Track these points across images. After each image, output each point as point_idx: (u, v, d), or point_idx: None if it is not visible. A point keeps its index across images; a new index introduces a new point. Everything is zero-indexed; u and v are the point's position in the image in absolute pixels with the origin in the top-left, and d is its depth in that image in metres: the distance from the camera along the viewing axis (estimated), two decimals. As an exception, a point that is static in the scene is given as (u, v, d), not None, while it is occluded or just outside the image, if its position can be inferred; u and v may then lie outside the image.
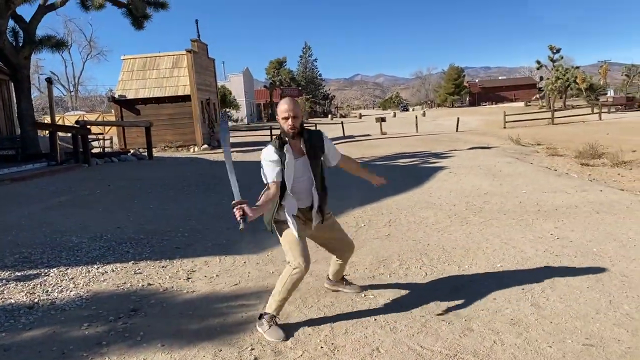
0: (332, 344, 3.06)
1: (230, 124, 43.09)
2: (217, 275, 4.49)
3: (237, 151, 18.71)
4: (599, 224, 5.76)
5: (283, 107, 3.15)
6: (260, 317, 3.29)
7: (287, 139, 3.19)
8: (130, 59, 22.56)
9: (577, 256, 4.60)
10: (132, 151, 17.51)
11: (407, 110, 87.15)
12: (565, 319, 3.29)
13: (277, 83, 64.14)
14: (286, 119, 3.14)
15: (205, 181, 10.69)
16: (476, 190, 8.50)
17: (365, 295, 3.83)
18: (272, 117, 59.67)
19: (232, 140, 25.51)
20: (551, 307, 3.47)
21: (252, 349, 3.03)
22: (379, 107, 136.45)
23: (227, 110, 45.56)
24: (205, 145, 20.90)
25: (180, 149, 20.71)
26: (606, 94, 52.91)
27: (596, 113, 30.34)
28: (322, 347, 3.02)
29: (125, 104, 21.17)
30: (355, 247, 5.15)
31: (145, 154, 16.88)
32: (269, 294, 3.91)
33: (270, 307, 3.27)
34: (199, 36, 22.11)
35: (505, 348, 2.93)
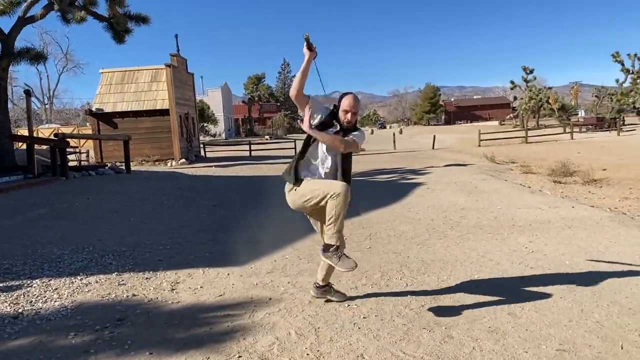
0: (318, 351, 3.14)
1: (207, 138, 42.95)
2: (201, 287, 4.54)
3: (215, 166, 18.70)
4: (571, 238, 5.99)
5: (348, 102, 3.45)
6: (325, 250, 3.46)
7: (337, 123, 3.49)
8: (109, 72, 22.47)
9: (551, 268, 4.79)
10: (109, 165, 17.36)
11: (385, 127, 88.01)
12: (539, 326, 3.44)
13: (256, 98, 64.35)
14: (346, 112, 3.45)
15: (184, 195, 10.69)
16: (453, 206, 8.71)
17: (348, 305, 3.93)
18: (251, 132, 59.74)
19: (210, 155, 25.52)
20: (526, 316, 3.62)
21: (240, 357, 3.09)
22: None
23: (205, 125, 45.45)
24: (183, 160, 20.84)
25: (157, 163, 20.60)
26: (577, 114, 54.41)
27: (568, 132, 31.19)
28: (308, 354, 3.10)
29: (103, 117, 21.03)
30: (337, 260, 5.30)
31: (123, 167, 16.76)
32: (254, 304, 4.00)
33: (330, 240, 3.44)
34: (178, 51, 22.18)
35: (484, 354, 3.06)
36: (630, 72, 38.75)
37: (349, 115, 3.44)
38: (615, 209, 8.33)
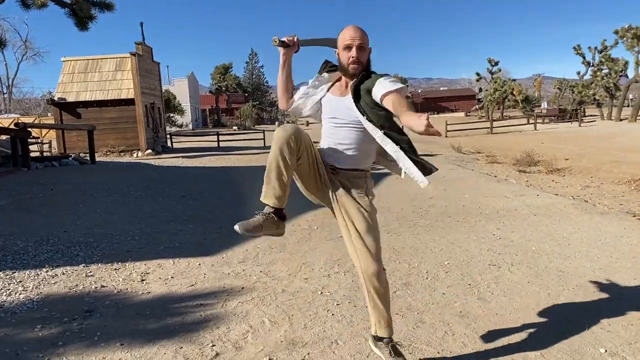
0: (292, 338, 3.14)
1: (174, 129, 42.25)
2: (172, 277, 4.47)
3: (183, 156, 18.43)
4: (537, 225, 6.14)
5: (348, 34, 2.40)
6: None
7: (338, 72, 2.55)
8: (71, 60, 21.80)
9: (518, 254, 4.90)
10: (72, 155, 16.90)
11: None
12: (509, 310, 3.52)
13: (223, 89, 63.55)
14: (349, 48, 2.40)
15: (151, 186, 10.50)
16: (422, 195, 8.81)
17: (322, 293, 3.94)
18: (219, 123, 59.05)
19: (177, 145, 25.15)
20: (496, 300, 3.71)
21: (213, 345, 3.07)
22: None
23: (172, 115, 44.68)
24: (149, 150, 20.45)
25: (122, 154, 20.17)
26: (540, 105, 55.78)
27: (532, 123, 31.93)
28: (282, 342, 3.10)
29: (66, 107, 20.41)
30: (310, 249, 5.31)
31: (88, 158, 16.35)
32: (226, 293, 3.97)
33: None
34: (143, 39, 21.67)
35: (456, 337, 3.11)
36: (591, 64, 39.81)
37: (354, 51, 2.38)
38: (578, 197, 8.59)
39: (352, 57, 2.38)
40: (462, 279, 4.20)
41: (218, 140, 24.65)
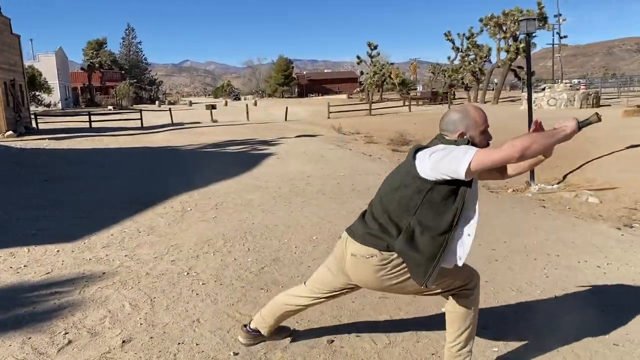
0: (152, 320, 3.09)
1: (40, 109, 38.76)
2: (25, 266, 4.15)
3: (49, 138, 16.99)
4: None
5: (484, 115, 2.27)
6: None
7: None
8: None
9: (382, 227, 5.21)
10: None
11: (239, 99, 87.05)
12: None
13: (97, 65, 59.39)
14: (486, 131, 2.27)
15: (12, 170, 9.61)
16: (300, 174, 9.00)
17: (187, 274, 3.90)
18: (92, 103, 55.14)
19: (43, 126, 23.15)
20: (357, 270, 3.92)
21: (66, 333, 2.92)
22: (211, 95, 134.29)
23: (37, 93, 40.88)
24: (11, 132, 18.58)
25: (-22, 135, 18.12)
26: (416, 89, 59.04)
27: (407, 105, 33.71)
28: (141, 324, 3.03)
29: None
30: (180, 230, 5.21)
31: None
32: (85, 280, 3.78)
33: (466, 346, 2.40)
34: (-1, 8, 19.49)
35: (315, 307, 3.25)
36: (460, 50, 42.75)
37: (489, 135, 2.29)
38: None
39: (489, 139, 2.29)
40: (328, 252, 4.35)
41: (90, 121, 23.03)
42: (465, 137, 2.20)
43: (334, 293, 2.55)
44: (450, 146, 2.13)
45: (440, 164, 2.06)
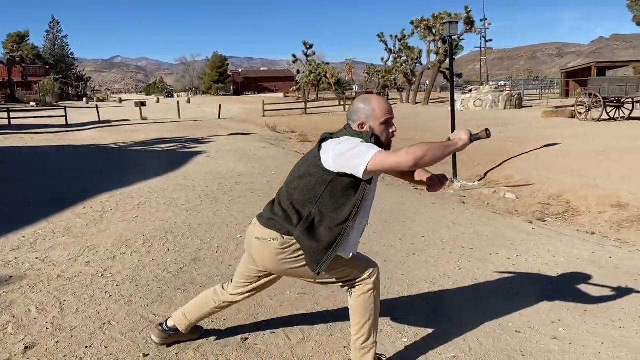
0: (60, 324, 2.96)
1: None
2: None
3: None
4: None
5: (386, 106, 2.28)
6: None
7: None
8: None
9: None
10: None
11: (172, 96, 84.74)
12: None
13: (18, 59, 55.96)
14: (389, 122, 2.28)
15: None
16: (230, 172, 8.90)
17: (102, 275, 3.77)
18: (13, 99, 51.97)
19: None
20: (277, 268, 3.93)
21: (-38, 342, 2.75)
22: (143, 92, 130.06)
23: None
24: None
25: None
26: (352, 89, 59.79)
27: (342, 105, 34.11)
28: (47, 329, 2.90)
29: None
30: (98, 231, 5.03)
31: None
32: (-11, 284, 3.57)
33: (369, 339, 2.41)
34: None
35: (233, 306, 3.24)
36: (392, 52, 43.72)
37: (394, 127, 2.33)
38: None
39: (394, 131, 2.32)
40: (250, 251, 4.36)
41: (9, 118, 21.73)
42: (365, 126, 2.25)
43: (255, 284, 2.56)
44: (353, 139, 2.18)
45: (342, 158, 2.12)
